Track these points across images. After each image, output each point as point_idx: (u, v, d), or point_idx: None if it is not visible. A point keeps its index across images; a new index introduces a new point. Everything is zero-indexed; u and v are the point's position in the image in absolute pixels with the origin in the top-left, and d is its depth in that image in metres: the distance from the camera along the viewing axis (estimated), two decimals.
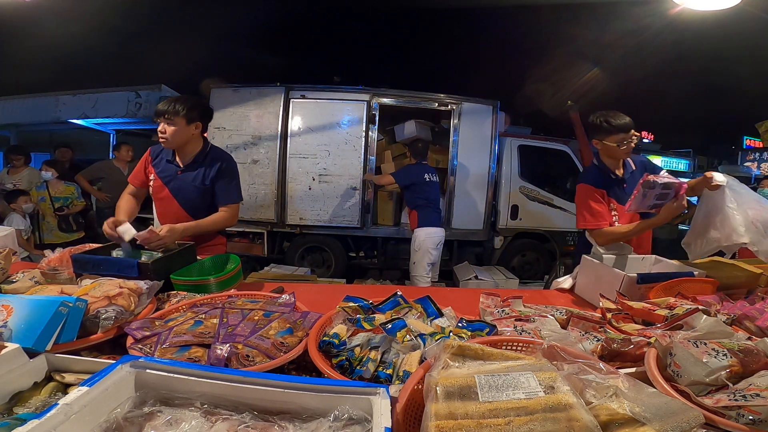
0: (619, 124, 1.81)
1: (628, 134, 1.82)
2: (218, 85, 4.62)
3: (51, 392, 0.73)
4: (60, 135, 7.89)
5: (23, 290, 1.21)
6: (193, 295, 1.26)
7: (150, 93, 6.00)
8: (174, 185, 1.90)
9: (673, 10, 2.97)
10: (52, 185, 4.05)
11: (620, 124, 1.81)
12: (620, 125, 1.81)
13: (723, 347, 0.77)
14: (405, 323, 0.97)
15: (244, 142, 4.54)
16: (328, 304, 1.14)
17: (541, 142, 5.37)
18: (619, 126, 1.81)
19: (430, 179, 3.74)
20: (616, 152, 1.88)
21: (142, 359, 0.69)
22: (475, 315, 1.26)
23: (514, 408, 0.56)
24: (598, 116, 1.86)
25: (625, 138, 1.82)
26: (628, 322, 1.17)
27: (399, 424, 0.61)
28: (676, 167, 12.40)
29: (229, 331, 0.93)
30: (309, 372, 0.91)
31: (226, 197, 1.91)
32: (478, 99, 4.73)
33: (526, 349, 0.84)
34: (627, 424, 0.56)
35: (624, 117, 1.83)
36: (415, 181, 3.68)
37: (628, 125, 1.82)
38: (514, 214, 5.05)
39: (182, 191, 1.90)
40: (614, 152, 1.88)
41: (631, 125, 1.83)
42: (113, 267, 1.30)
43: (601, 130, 1.86)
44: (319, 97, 4.57)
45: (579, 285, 1.72)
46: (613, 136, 1.83)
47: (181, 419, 0.61)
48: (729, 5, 2.27)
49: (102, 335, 0.97)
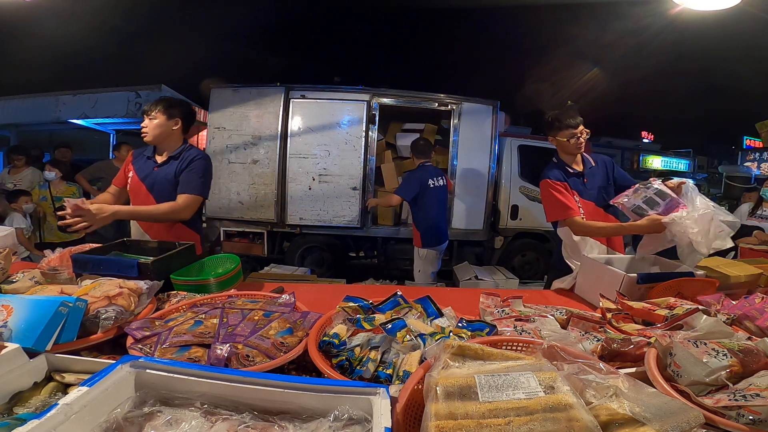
0: (568, 121, 1.95)
1: (576, 130, 1.94)
2: (218, 85, 4.61)
3: (51, 392, 0.73)
4: (60, 135, 7.88)
5: (23, 290, 1.21)
6: (193, 295, 1.27)
7: (150, 93, 5.99)
8: (149, 180, 1.93)
9: (673, 10, 2.97)
10: (54, 185, 4.05)
11: (569, 121, 1.95)
12: (569, 122, 1.94)
13: (723, 347, 0.77)
14: (405, 323, 0.97)
15: (244, 142, 4.54)
16: (328, 304, 1.14)
17: (541, 142, 5.35)
18: (568, 122, 1.94)
19: (435, 184, 3.47)
20: (568, 147, 1.98)
21: (142, 359, 0.69)
22: (475, 315, 1.26)
23: (514, 408, 0.56)
24: (550, 114, 2.02)
25: (574, 134, 1.94)
26: (628, 322, 1.17)
27: (399, 424, 0.61)
28: (676, 167, 12.38)
29: (229, 331, 0.93)
30: (309, 372, 0.91)
31: (184, 186, 1.87)
32: (478, 99, 4.73)
33: (526, 349, 0.84)
34: (627, 424, 0.56)
35: (568, 110, 1.98)
36: (419, 193, 3.42)
37: (576, 122, 1.94)
38: (514, 214, 5.05)
39: (157, 185, 1.91)
40: (566, 147, 1.99)
41: (578, 122, 1.95)
42: (113, 267, 1.30)
43: (552, 127, 1.99)
44: (319, 97, 4.56)
45: (579, 285, 1.72)
46: (563, 132, 1.96)
47: (181, 419, 0.61)
48: (729, 5, 2.27)
49: (102, 335, 0.97)
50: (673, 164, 12.40)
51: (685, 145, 13.82)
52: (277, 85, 4.52)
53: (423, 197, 3.46)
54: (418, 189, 3.45)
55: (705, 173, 12.88)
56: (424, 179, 3.47)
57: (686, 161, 12.87)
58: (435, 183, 3.50)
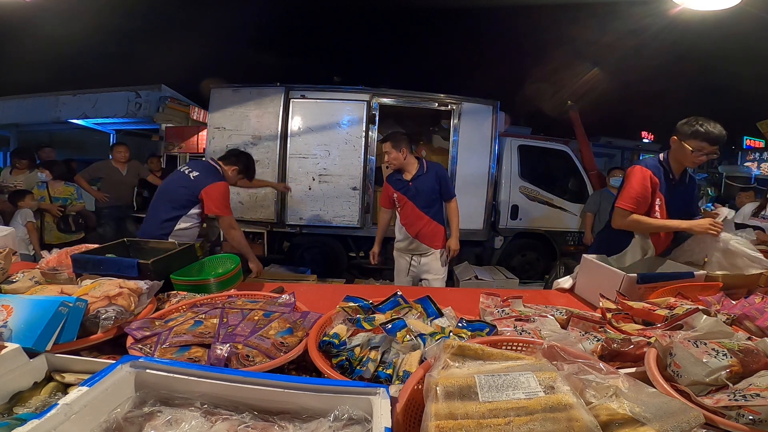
0: (711, 133, 1.73)
1: (711, 147, 1.75)
2: (218, 85, 4.61)
3: (51, 392, 0.73)
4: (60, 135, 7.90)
5: (23, 290, 1.21)
6: (193, 295, 1.27)
7: (150, 93, 6.01)
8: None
9: (673, 10, 2.97)
10: (52, 185, 4.05)
11: (711, 133, 1.73)
12: (711, 134, 1.73)
13: (723, 347, 0.77)
14: (405, 323, 0.97)
15: (244, 142, 4.53)
16: (328, 304, 1.14)
17: (541, 142, 5.37)
18: (710, 135, 1.73)
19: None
20: (687, 157, 1.80)
21: (142, 359, 0.69)
22: (475, 315, 1.26)
23: (514, 408, 0.56)
24: (698, 119, 1.78)
25: (705, 149, 1.75)
26: (628, 322, 1.17)
27: (399, 424, 0.61)
28: None
29: (229, 331, 0.93)
30: (309, 372, 0.91)
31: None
32: (478, 99, 4.72)
33: (526, 349, 0.84)
34: (627, 424, 0.56)
35: (720, 129, 1.75)
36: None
37: (718, 138, 1.74)
38: (514, 214, 5.04)
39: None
40: (685, 156, 1.81)
41: (720, 139, 1.74)
42: (113, 267, 1.30)
43: (691, 134, 1.76)
44: (319, 97, 4.56)
45: (579, 285, 1.72)
46: (695, 141, 1.75)
47: (181, 419, 0.61)
48: (729, 5, 2.27)
49: (102, 335, 0.97)
50: None
51: None
52: (277, 85, 4.52)
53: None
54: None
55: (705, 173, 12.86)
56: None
57: None
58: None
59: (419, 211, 2.60)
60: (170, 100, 5.94)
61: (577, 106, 5.67)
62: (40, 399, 0.70)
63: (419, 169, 2.59)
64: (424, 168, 2.60)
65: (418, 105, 4.69)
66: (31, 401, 0.70)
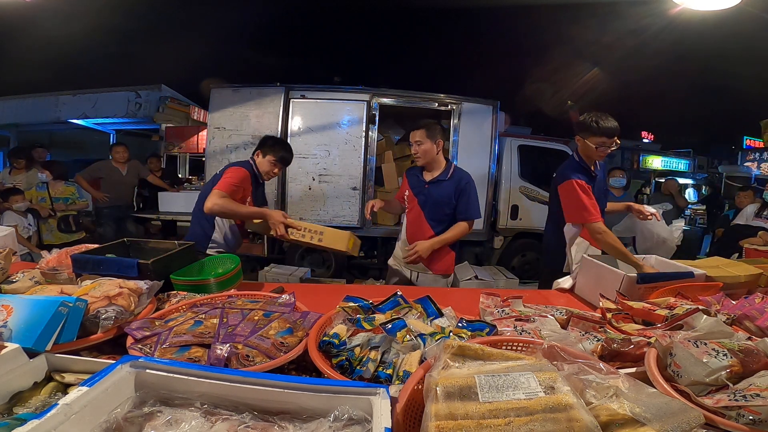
0: (606, 128, 1.86)
1: (610, 139, 1.88)
2: (218, 85, 4.61)
3: (51, 392, 0.73)
4: (60, 135, 7.90)
5: (23, 290, 1.21)
6: (193, 295, 1.26)
7: (150, 93, 6.00)
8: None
9: (673, 10, 2.98)
10: (53, 185, 4.05)
11: (606, 128, 1.86)
12: (606, 128, 1.86)
13: (723, 347, 0.77)
14: (405, 323, 0.97)
15: (244, 142, 4.53)
16: (328, 304, 1.14)
17: (541, 142, 5.36)
18: (605, 129, 1.86)
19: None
20: (593, 153, 1.94)
21: (142, 359, 0.69)
22: (475, 315, 1.26)
23: (514, 408, 0.56)
24: (591, 115, 1.92)
25: (606, 142, 1.88)
26: (628, 322, 1.17)
27: (399, 424, 0.61)
28: (676, 167, 12.35)
29: (229, 331, 0.93)
30: (309, 372, 0.91)
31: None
32: (478, 99, 4.73)
33: (526, 349, 0.84)
34: (627, 424, 0.56)
35: (613, 121, 1.88)
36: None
37: (614, 131, 1.87)
38: (514, 214, 5.04)
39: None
40: (591, 152, 1.94)
41: (615, 131, 1.87)
42: (113, 267, 1.30)
43: (588, 130, 1.91)
44: (319, 97, 4.56)
45: (579, 285, 1.72)
46: (596, 138, 1.89)
47: (181, 419, 0.61)
48: (729, 5, 2.27)
49: (102, 335, 0.97)
50: (673, 164, 12.38)
51: (685, 145, 13.82)
52: (277, 85, 4.52)
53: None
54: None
55: (705, 173, 12.88)
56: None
57: (686, 161, 12.85)
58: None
59: (426, 224, 2.15)
60: (170, 100, 5.94)
61: (577, 107, 5.68)
62: (40, 399, 0.70)
63: (443, 172, 2.15)
64: (449, 173, 2.15)
65: (418, 105, 4.69)
66: (31, 401, 0.70)
